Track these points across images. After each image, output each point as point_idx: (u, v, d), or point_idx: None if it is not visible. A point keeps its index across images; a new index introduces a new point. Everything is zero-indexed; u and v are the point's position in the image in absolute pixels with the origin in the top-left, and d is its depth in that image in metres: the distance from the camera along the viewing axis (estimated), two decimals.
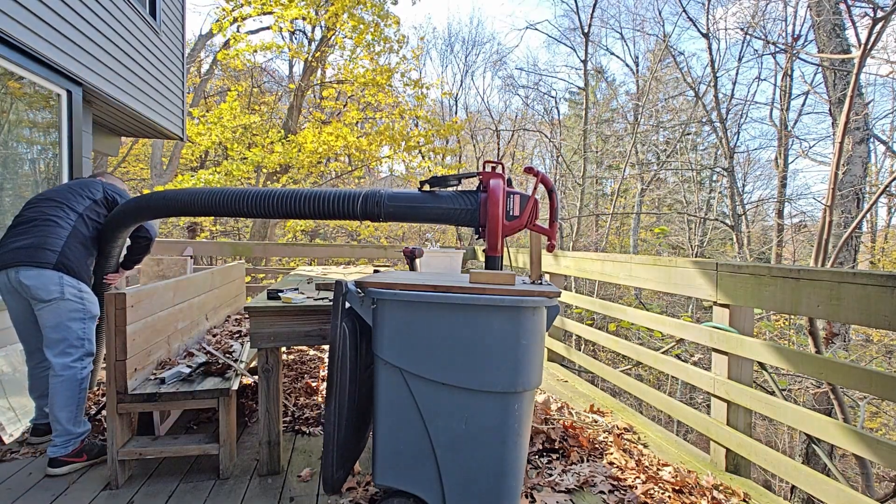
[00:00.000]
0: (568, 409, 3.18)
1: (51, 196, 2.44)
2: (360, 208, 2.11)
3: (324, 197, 2.12)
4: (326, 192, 2.15)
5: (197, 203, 2.19)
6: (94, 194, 2.51)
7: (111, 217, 2.47)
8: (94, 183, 2.59)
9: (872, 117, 7.23)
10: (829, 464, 3.39)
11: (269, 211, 2.15)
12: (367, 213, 2.12)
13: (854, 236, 6.16)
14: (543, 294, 1.57)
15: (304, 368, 3.94)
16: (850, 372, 1.88)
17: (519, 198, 2.07)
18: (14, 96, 3.47)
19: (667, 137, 14.83)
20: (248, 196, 2.15)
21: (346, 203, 2.11)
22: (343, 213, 2.13)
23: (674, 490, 2.17)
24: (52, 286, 2.19)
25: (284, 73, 17.01)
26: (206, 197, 2.18)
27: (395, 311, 1.64)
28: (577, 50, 14.66)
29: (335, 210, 2.12)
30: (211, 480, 2.19)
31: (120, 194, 2.61)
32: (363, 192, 2.14)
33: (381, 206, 2.11)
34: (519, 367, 1.56)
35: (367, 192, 2.14)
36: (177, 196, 2.24)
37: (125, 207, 2.41)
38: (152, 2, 5.35)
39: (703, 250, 11.91)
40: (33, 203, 2.42)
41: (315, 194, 2.14)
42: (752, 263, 2.91)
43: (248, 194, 2.16)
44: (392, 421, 1.67)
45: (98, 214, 2.48)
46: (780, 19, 10.58)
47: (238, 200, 2.15)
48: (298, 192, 2.15)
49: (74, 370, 2.22)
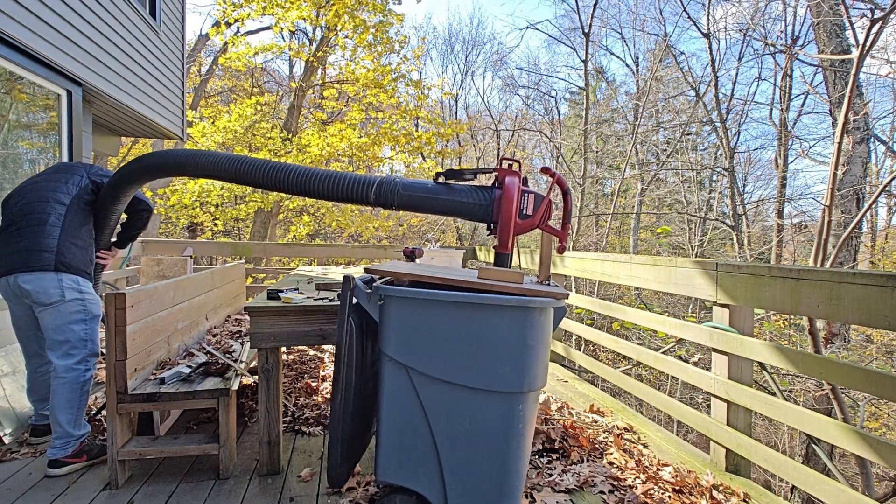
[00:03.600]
0: (568, 409, 3.18)
1: (34, 188, 2.34)
2: (375, 194, 2.08)
3: (339, 179, 2.10)
4: (342, 174, 2.12)
5: (214, 167, 2.17)
6: (78, 180, 2.41)
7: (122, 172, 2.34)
8: (75, 167, 2.49)
9: (872, 117, 7.23)
10: (829, 464, 3.39)
11: (284, 185, 2.12)
12: (381, 200, 2.09)
13: (854, 236, 6.16)
14: (552, 295, 1.57)
15: (304, 368, 3.94)
16: (850, 372, 1.88)
17: (533, 197, 2.06)
18: (14, 98, 3.47)
19: (667, 137, 14.83)
20: (266, 167, 2.12)
21: (361, 188, 2.09)
22: (357, 198, 2.11)
23: (674, 490, 2.17)
24: (52, 289, 2.18)
25: (285, 73, 17.03)
26: (225, 162, 2.16)
27: (401, 308, 1.63)
28: (577, 50, 14.67)
29: (349, 193, 2.10)
30: (211, 480, 2.19)
31: (105, 175, 2.50)
32: (378, 179, 2.11)
33: (396, 193, 2.08)
34: (525, 367, 1.56)
35: (383, 178, 2.11)
36: (196, 157, 2.20)
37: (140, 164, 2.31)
38: (152, 2, 5.36)
39: (703, 250, 11.91)
40: (18, 197, 2.33)
41: (331, 175, 2.11)
42: (752, 263, 2.91)
43: (266, 166, 2.13)
44: (396, 418, 1.67)
45: (86, 201, 2.40)
46: (780, 19, 10.58)
47: (256, 170, 2.12)
48: (315, 171, 2.12)
49: (77, 372, 2.21)
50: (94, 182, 2.45)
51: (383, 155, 12.02)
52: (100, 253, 2.60)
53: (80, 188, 2.40)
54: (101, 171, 2.53)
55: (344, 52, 11.68)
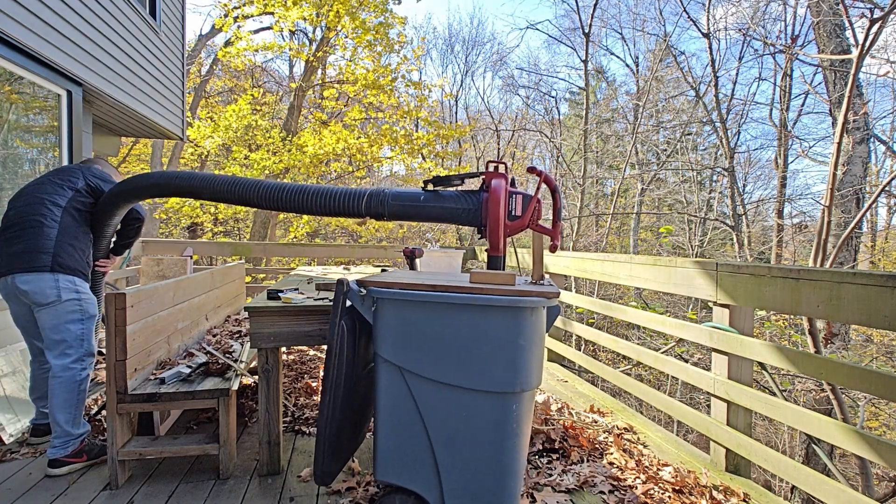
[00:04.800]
0: (568, 410, 3.18)
1: (31, 192, 2.37)
2: (365, 206, 2.14)
3: (330, 194, 2.15)
4: (333, 189, 2.17)
5: (208, 188, 2.22)
6: (74, 183, 2.43)
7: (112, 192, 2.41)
8: (73, 170, 2.51)
9: (872, 117, 7.22)
10: (829, 464, 3.39)
11: (277, 204, 2.18)
12: (372, 212, 2.15)
13: (854, 236, 6.16)
14: (542, 294, 1.56)
15: (304, 368, 3.94)
16: (850, 372, 1.88)
17: (521, 197, 2.07)
18: (14, 100, 3.47)
19: (667, 137, 14.83)
20: (259, 187, 2.18)
21: (352, 201, 2.14)
22: (348, 211, 2.16)
23: (674, 490, 2.17)
24: (48, 290, 2.19)
25: (284, 73, 17.03)
26: (218, 184, 2.22)
27: (394, 310, 1.65)
28: (577, 50, 14.66)
29: (341, 207, 2.15)
30: (211, 480, 2.19)
31: (103, 178, 2.52)
32: (368, 191, 2.16)
33: (385, 204, 2.13)
34: (517, 367, 1.56)
35: (372, 190, 2.16)
36: (191, 178, 2.26)
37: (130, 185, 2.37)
38: (152, 2, 5.36)
39: (703, 250, 11.91)
40: (18, 200, 2.36)
41: (322, 191, 2.16)
42: (752, 263, 2.91)
43: (258, 186, 2.19)
44: (392, 418, 1.67)
45: (83, 203, 2.42)
46: (780, 19, 10.59)
47: (248, 190, 2.18)
48: (306, 187, 2.17)
49: (73, 371, 2.22)
50: (90, 185, 2.47)
51: (383, 156, 12.02)
52: (99, 262, 2.64)
53: (75, 191, 2.42)
54: (98, 174, 2.54)
55: (344, 52, 11.69)
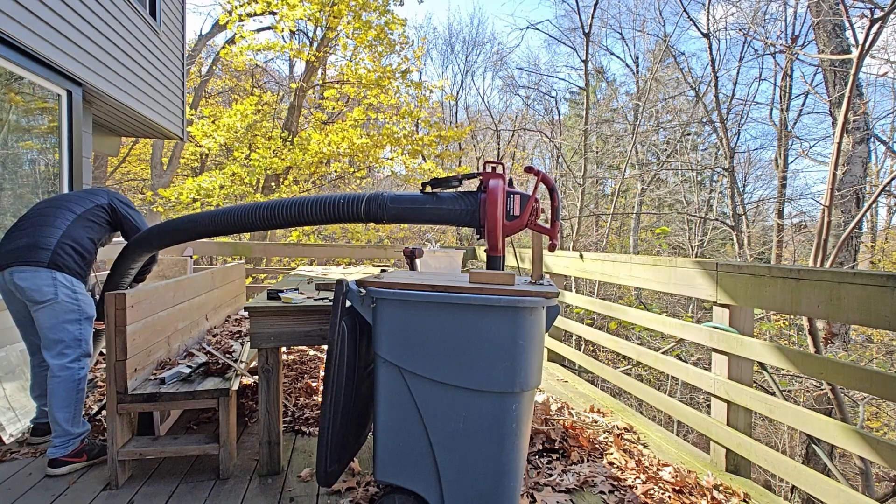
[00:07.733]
0: (568, 410, 3.18)
1: (56, 198, 2.50)
2: (364, 210, 2.16)
3: (329, 202, 2.18)
4: (331, 196, 2.20)
5: (215, 224, 2.31)
6: (97, 199, 2.55)
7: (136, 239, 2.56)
8: (100, 190, 2.65)
9: (872, 117, 7.22)
10: (829, 464, 3.39)
11: (280, 221, 2.23)
12: (371, 216, 2.17)
13: (854, 236, 6.16)
14: (541, 294, 1.56)
15: (304, 368, 3.94)
16: (850, 372, 1.88)
17: (519, 197, 2.08)
18: (14, 100, 3.47)
19: (667, 137, 14.82)
20: (259, 210, 2.24)
21: (351, 206, 2.17)
22: (348, 216, 2.19)
23: (674, 490, 2.17)
24: (45, 287, 2.19)
25: (285, 73, 17.02)
26: (222, 217, 2.30)
27: (394, 310, 1.65)
28: (577, 50, 14.65)
29: (340, 213, 2.18)
30: (211, 480, 2.19)
31: (126, 203, 2.66)
32: (366, 196, 2.18)
33: (384, 208, 2.15)
34: (516, 367, 1.56)
35: (370, 194, 2.18)
36: (198, 220, 2.37)
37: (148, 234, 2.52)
38: (152, 2, 5.36)
39: (704, 250, 11.90)
40: (39, 204, 2.47)
41: (321, 200, 2.19)
42: (752, 263, 2.91)
43: (258, 208, 2.25)
44: (391, 418, 1.68)
45: (98, 217, 2.50)
46: (780, 19, 10.58)
47: (251, 215, 2.24)
48: (305, 199, 2.21)
49: (72, 371, 2.22)
50: (112, 204, 2.59)
51: (384, 156, 12.01)
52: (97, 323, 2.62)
53: (96, 205, 2.52)
54: (124, 199, 2.69)
55: (345, 52, 11.68)
